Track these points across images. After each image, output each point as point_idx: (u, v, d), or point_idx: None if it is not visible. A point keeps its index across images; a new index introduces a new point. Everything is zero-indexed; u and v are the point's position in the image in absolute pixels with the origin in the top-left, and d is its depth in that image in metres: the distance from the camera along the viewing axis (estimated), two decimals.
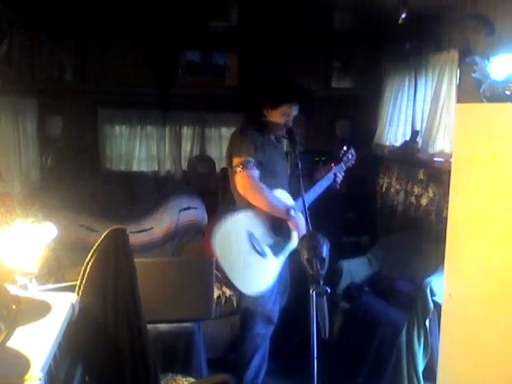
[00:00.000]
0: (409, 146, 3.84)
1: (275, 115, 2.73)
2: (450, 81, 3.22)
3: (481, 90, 2.16)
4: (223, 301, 3.34)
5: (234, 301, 3.34)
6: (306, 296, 1.73)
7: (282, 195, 2.72)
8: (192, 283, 2.48)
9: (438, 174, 3.44)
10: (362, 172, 3.64)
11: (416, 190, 3.82)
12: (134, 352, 1.79)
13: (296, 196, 2.72)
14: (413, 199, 3.86)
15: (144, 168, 4.59)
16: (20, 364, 1.26)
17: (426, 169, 3.68)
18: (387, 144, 4.19)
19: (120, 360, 1.77)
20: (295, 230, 2.64)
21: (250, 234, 2.59)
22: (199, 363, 2.58)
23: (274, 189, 2.67)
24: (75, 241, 3.34)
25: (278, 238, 2.70)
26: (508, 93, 2.05)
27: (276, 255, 2.68)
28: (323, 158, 4.35)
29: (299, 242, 1.83)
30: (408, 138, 3.91)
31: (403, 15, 2.90)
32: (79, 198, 3.58)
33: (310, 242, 1.76)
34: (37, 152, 4.04)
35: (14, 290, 1.62)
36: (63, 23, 3.92)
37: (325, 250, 1.74)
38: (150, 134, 4.53)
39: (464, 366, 2.19)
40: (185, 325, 2.57)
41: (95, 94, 4.28)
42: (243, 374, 2.81)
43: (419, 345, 2.84)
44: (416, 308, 2.84)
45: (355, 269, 3.60)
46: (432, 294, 2.76)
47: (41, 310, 1.56)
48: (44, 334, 1.42)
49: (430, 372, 2.78)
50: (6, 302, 1.49)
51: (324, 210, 2.82)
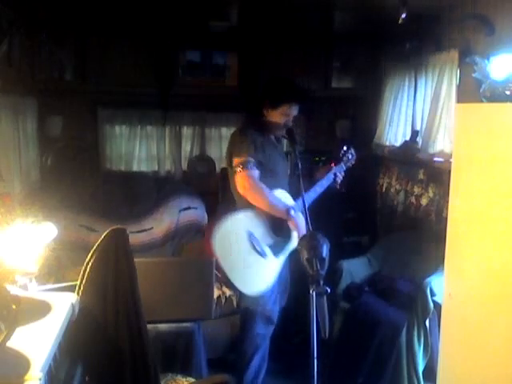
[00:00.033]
0: (409, 146, 3.83)
1: (275, 115, 2.73)
2: (450, 81, 3.22)
3: (481, 90, 2.16)
4: (223, 301, 3.34)
5: (234, 301, 3.34)
6: (306, 296, 1.73)
7: (282, 195, 2.72)
8: (192, 283, 2.48)
9: (438, 174, 3.44)
10: (361, 172, 3.63)
11: (416, 190, 3.82)
12: (134, 352, 1.79)
13: (296, 196, 2.71)
14: (413, 199, 3.85)
15: (144, 168, 4.58)
16: (20, 364, 1.26)
17: (426, 169, 3.67)
18: (387, 144, 4.19)
19: (120, 360, 1.77)
20: (295, 229, 2.64)
21: (250, 233, 2.59)
22: (199, 363, 2.58)
23: (274, 189, 2.67)
24: (75, 241, 3.34)
25: (278, 238, 2.70)
26: (508, 93, 2.05)
27: (276, 255, 2.68)
28: (323, 158, 4.35)
29: (299, 242, 1.83)
30: (408, 138, 3.91)
31: (403, 15, 2.90)
32: (79, 198, 3.58)
33: (310, 242, 1.75)
34: (37, 152, 4.04)
35: (14, 289, 1.62)
36: (63, 23, 3.92)
37: (325, 250, 1.73)
38: (150, 134, 4.52)
39: (464, 366, 2.19)
40: (185, 325, 2.57)
41: (95, 94, 4.28)
42: (243, 374, 2.81)
43: (419, 345, 2.84)
44: (416, 308, 2.84)
45: (355, 269, 3.60)
46: (432, 294, 2.76)
47: (41, 309, 1.56)
48: (44, 334, 1.42)
49: (430, 372, 2.78)
50: (5, 302, 1.49)
51: (324, 210, 2.82)
